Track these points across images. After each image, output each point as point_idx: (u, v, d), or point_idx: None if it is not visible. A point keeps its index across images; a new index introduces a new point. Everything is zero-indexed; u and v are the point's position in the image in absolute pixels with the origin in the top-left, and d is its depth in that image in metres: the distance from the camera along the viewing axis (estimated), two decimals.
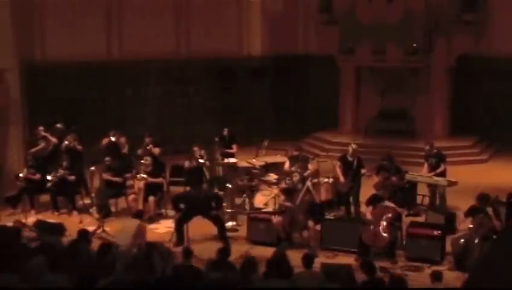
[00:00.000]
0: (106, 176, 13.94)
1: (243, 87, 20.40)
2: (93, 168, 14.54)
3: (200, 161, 13.65)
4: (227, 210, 13.22)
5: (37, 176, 13.96)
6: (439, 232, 11.13)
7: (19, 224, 10.84)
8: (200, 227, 12.17)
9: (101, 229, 12.37)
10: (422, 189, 13.93)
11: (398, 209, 11.45)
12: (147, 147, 14.63)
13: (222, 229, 12.03)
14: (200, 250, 10.53)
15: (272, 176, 14.65)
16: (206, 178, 13.86)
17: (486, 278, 6.32)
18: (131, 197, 13.81)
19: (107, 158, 14.10)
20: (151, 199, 13.43)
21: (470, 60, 19.08)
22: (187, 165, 13.86)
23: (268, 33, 20.84)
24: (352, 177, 13.34)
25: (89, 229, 11.42)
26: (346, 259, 11.07)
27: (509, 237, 7.68)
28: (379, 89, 20.03)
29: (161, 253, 8.56)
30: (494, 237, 10.20)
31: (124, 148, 15.19)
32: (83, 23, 17.92)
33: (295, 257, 9.21)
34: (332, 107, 20.57)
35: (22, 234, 10.05)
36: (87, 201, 14.40)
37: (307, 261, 8.65)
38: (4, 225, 11.24)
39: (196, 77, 19.68)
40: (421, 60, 18.87)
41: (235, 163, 15.39)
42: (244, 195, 13.95)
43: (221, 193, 13.19)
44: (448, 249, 11.01)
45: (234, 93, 20.17)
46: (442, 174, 13.62)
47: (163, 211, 13.87)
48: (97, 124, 16.90)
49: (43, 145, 14.89)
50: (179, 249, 10.55)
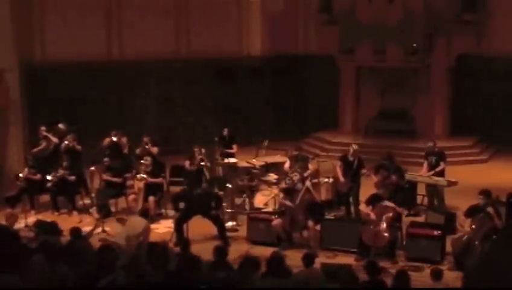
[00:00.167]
0: (106, 176, 13.95)
1: (242, 87, 20.39)
2: (93, 168, 14.56)
3: (201, 163, 13.65)
4: (227, 210, 13.23)
5: (38, 176, 13.96)
6: (439, 232, 11.14)
7: (13, 218, 10.77)
8: (200, 227, 12.17)
9: (101, 229, 12.39)
10: (422, 189, 13.93)
11: (398, 209, 11.45)
12: (146, 146, 14.65)
13: (222, 229, 12.04)
14: (200, 250, 10.48)
15: (272, 176, 14.66)
16: (206, 178, 13.86)
17: (487, 278, 6.32)
18: (131, 197, 13.82)
19: (105, 159, 14.11)
20: (151, 199, 13.43)
21: (470, 60, 19.08)
22: (187, 166, 13.85)
23: (268, 33, 20.84)
24: (352, 177, 13.34)
25: (87, 229, 11.45)
26: (346, 259, 11.08)
27: (509, 237, 7.70)
28: (379, 89, 20.03)
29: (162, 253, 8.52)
30: (494, 237, 10.23)
31: (125, 149, 15.20)
32: (83, 23, 17.91)
33: (295, 257, 9.21)
34: (332, 107, 20.58)
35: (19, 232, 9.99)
36: (87, 201, 14.40)
37: (308, 260, 8.63)
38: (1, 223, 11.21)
39: (196, 77, 19.67)
40: (421, 60, 18.86)
41: (235, 163, 15.39)
42: (244, 195, 13.96)
43: (221, 193, 13.19)
44: (448, 249, 11.01)
45: (234, 93, 20.15)
46: (441, 174, 13.62)
47: (163, 211, 13.88)
48: (97, 124, 16.91)
49: (44, 145, 14.90)
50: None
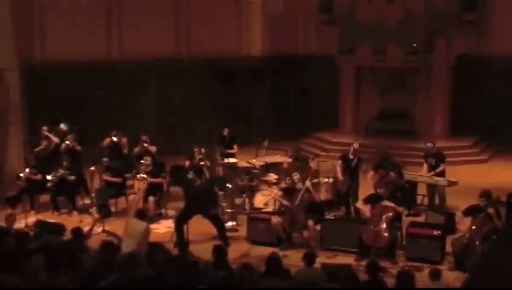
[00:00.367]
0: (106, 176, 13.95)
1: (242, 87, 20.39)
2: (93, 168, 14.56)
3: (200, 163, 13.66)
4: (227, 210, 13.22)
5: (39, 176, 13.96)
6: (439, 232, 11.14)
7: (11, 218, 10.74)
8: (200, 227, 12.16)
9: (101, 229, 12.38)
10: (422, 189, 13.93)
11: (398, 209, 11.43)
12: (144, 144, 14.67)
13: (222, 229, 12.02)
14: (200, 250, 10.49)
15: (272, 176, 14.66)
16: (206, 178, 13.86)
17: (486, 278, 6.32)
18: (131, 197, 13.82)
19: (105, 159, 14.11)
20: (151, 199, 13.44)
21: (470, 60, 19.08)
22: (187, 166, 13.85)
23: (268, 33, 20.84)
24: (351, 175, 13.40)
25: (86, 228, 11.41)
26: (346, 259, 11.07)
27: (509, 237, 7.70)
28: (379, 89, 20.03)
29: (163, 253, 8.52)
30: (494, 237, 10.23)
31: (125, 149, 15.22)
32: (83, 23, 17.92)
33: (295, 257, 9.21)
34: (332, 107, 20.58)
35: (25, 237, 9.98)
36: (87, 201, 14.40)
37: (308, 259, 8.61)
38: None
39: (196, 77, 19.66)
40: (421, 60, 18.86)
41: (235, 163, 15.40)
42: (244, 195, 13.95)
43: (221, 193, 13.19)
44: (448, 249, 11.01)
45: (234, 93, 20.15)
46: (441, 174, 13.63)
47: (163, 211, 13.89)
48: (97, 124, 16.91)
49: (45, 145, 14.92)
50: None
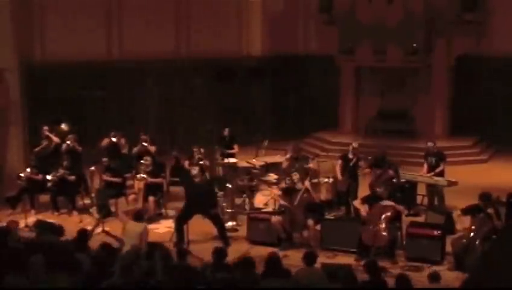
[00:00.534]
0: (106, 176, 13.95)
1: (242, 87, 20.39)
2: (93, 168, 14.55)
3: (199, 163, 13.66)
4: (227, 210, 13.22)
5: (40, 176, 13.96)
6: (439, 232, 11.13)
7: (14, 224, 10.73)
8: (200, 227, 12.16)
9: (102, 229, 12.38)
10: (422, 189, 13.93)
11: (398, 207, 11.38)
12: (143, 144, 14.68)
13: (222, 229, 12.01)
14: (200, 250, 10.51)
15: (272, 176, 14.65)
16: (206, 178, 13.84)
17: (486, 278, 6.32)
18: (131, 197, 13.82)
19: (104, 159, 14.11)
20: (151, 199, 13.44)
21: (470, 60, 19.09)
22: (187, 166, 13.85)
23: (268, 33, 20.85)
24: (350, 174, 13.42)
25: (88, 228, 11.41)
26: (346, 259, 11.06)
27: (509, 237, 7.70)
28: (379, 89, 20.04)
29: (162, 254, 8.51)
30: (494, 237, 10.22)
31: (124, 149, 15.22)
32: (83, 23, 17.92)
33: (295, 257, 9.20)
34: (332, 107, 20.58)
35: (13, 235, 9.95)
36: (87, 201, 14.41)
37: (309, 259, 8.58)
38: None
39: (196, 77, 19.67)
40: (421, 60, 18.86)
41: (235, 163, 15.39)
42: (244, 195, 13.94)
43: (221, 193, 13.19)
44: (448, 249, 11.01)
45: (234, 93, 20.15)
46: (440, 174, 13.63)
47: (163, 211, 13.89)
48: (97, 124, 16.91)
49: (45, 144, 14.92)
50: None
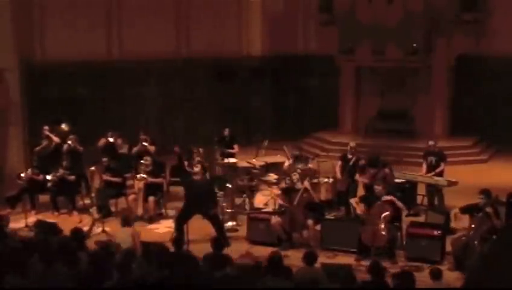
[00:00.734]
0: (106, 176, 13.95)
1: (242, 87, 20.39)
2: (93, 168, 14.54)
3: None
4: (227, 210, 13.21)
5: (41, 176, 13.97)
6: (439, 232, 11.14)
7: (4, 220, 10.68)
8: (200, 227, 12.16)
9: (101, 229, 12.39)
10: (422, 189, 13.93)
11: (398, 204, 11.35)
12: (143, 143, 14.69)
13: (221, 230, 11.94)
14: (200, 250, 10.49)
15: (272, 176, 14.65)
16: (206, 178, 13.84)
17: (486, 278, 6.32)
18: (131, 197, 13.82)
19: (104, 159, 14.12)
20: (151, 199, 13.44)
21: (470, 60, 19.08)
22: (186, 167, 13.84)
23: (268, 33, 20.85)
24: (350, 174, 13.42)
25: (85, 228, 11.42)
26: (346, 259, 11.06)
27: (509, 237, 7.69)
28: (379, 89, 20.04)
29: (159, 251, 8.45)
30: (494, 237, 10.23)
31: (121, 149, 15.23)
32: (83, 23, 17.92)
33: (296, 257, 9.20)
34: (332, 107, 20.58)
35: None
36: (87, 201, 14.41)
37: (309, 258, 8.58)
38: None
39: (196, 77, 19.67)
40: (421, 60, 18.86)
41: (235, 163, 15.39)
42: (244, 195, 13.95)
43: (221, 193, 13.19)
44: (448, 249, 11.01)
45: (234, 93, 20.16)
46: (440, 174, 13.63)
47: (163, 211, 13.89)
48: (97, 124, 16.91)
49: (45, 144, 14.93)
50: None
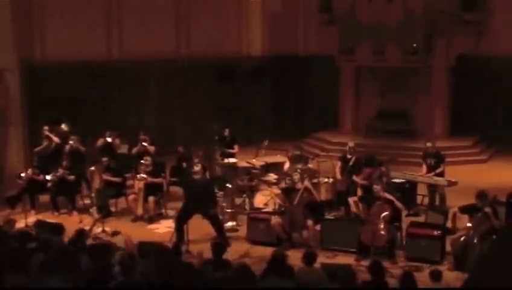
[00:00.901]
0: (106, 176, 13.96)
1: (242, 87, 20.39)
2: (93, 168, 14.55)
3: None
4: (227, 210, 13.22)
5: (41, 176, 13.97)
6: (439, 232, 11.14)
7: (11, 222, 10.71)
8: (200, 227, 12.16)
9: (101, 229, 12.39)
10: (422, 189, 13.94)
11: (397, 204, 11.40)
12: (143, 143, 14.70)
13: (220, 230, 11.95)
14: (200, 250, 10.49)
15: (272, 176, 14.65)
16: (206, 177, 13.85)
17: (486, 278, 6.32)
18: (131, 197, 13.83)
19: (104, 159, 14.13)
20: (151, 199, 13.45)
21: (470, 60, 19.08)
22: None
23: (268, 33, 20.85)
24: (349, 174, 13.43)
25: (85, 227, 11.42)
26: (346, 259, 11.07)
27: (509, 237, 7.69)
28: (379, 89, 20.04)
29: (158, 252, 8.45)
30: (493, 236, 10.23)
31: (119, 149, 15.23)
32: (83, 23, 17.91)
33: (295, 257, 9.20)
34: (332, 107, 20.59)
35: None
36: (87, 201, 14.41)
37: (308, 258, 8.56)
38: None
39: (196, 77, 19.67)
40: (421, 60, 18.87)
41: (235, 163, 15.39)
42: (244, 195, 13.95)
43: (221, 192, 13.19)
44: (448, 249, 11.01)
45: (234, 93, 20.16)
46: (440, 175, 13.64)
47: (163, 211, 13.89)
48: (97, 124, 16.90)
49: (45, 145, 14.93)
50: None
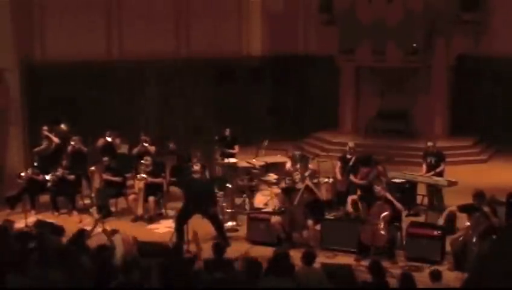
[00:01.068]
0: (106, 176, 13.96)
1: (242, 87, 20.39)
2: (93, 168, 14.56)
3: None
4: (227, 210, 13.22)
5: (41, 176, 13.97)
6: (439, 232, 11.14)
7: (9, 223, 10.70)
8: (200, 227, 12.15)
9: (102, 229, 12.37)
10: (422, 189, 13.94)
11: (397, 205, 11.38)
12: (144, 144, 14.70)
13: (221, 229, 11.96)
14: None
15: (272, 176, 14.65)
16: (206, 177, 13.85)
17: (486, 278, 6.33)
18: (131, 197, 13.83)
19: (105, 158, 14.13)
20: (151, 199, 13.45)
21: (470, 60, 19.08)
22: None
23: (268, 33, 20.84)
24: (349, 174, 13.44)
25: (87, 228, 11.41)
26: (346, 259, 11.08)
27: (509, 237, 7.70)
28: (379, 89, 20.04)
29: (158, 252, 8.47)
30: (492, 235, 10.25)
31: (119, 149, 15.23)
32: (83, 23, 17.92)
33: (295, 257, 9.21)
34: (332, 107, 20.59)
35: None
36: (87, 201, 14.41)
37: (308, 258, 8.58)
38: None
39: (196, 76, 19.67)
40: (421, 60, 18.86)
41: (235, 163, 15.39)
42: (244, 195, 13.95)
43: (221, 192, 13.19)
44: (448, 249, 11.01)
45: (234, 93, 20.16)
46: (440, 174, 13.64)
47: (163, 211, 13.89)
48: (97, 124, 16.91)
49: (45, 145, 14.93)
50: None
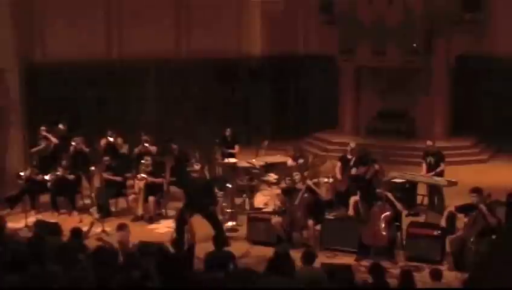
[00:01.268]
0: (106, 175, 13.96)
1: (243, 87, 20.39)
2: (93, 168, 14.56)
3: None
4: (227, 210, 13.22)
5: (40, 176, 13.97)
6: (439, 232, 11.15)
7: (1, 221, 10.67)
8: (200, 227, 12.15)
9: (101, 229, 12.38)
10: (422, 189, 13.94)
11: (398, 205, 11.38)
12: (144, 144, 14.70)
13: (220, 229, 11.91)
14: (200, 250, 10.50)
15: (272, 176, 14.66)
16: (205, 177, 13.87)
17: (486, 278, 6.32)
18: (132, 197, 13.84)
19: (106, 158, 14.13)
20: (151, 199, 13.45)
21: (470, 60, 19.06)
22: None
23: (269, 33, 20.82)
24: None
25: (84, 228, 11.39)
26: (346, 259, 11.08)
27: (509, 237, 7.69)
28: (379, 89, 20.03)
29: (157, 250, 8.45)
30: (490, 235, 10.26)
31: (121, 148, 15.24)
32: (83, 23, 17.93)
33: (295, 257, 9.21)
34: (332, 107, 20.58)
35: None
36: (87, 201, 14.41)
37: (307, 258, 8.58)
38: None
39: (196, 77, 19.66)
40: (421, 60, 18.85)
41: (235, 163, 15.40)
42: (244, 195, 13.96)
43: (221, 193, 13.19)
44: (448, 249, 11.01)
45: (234, 93, 20.15)
46: (440, 174, 13.64)
47: (163, 211, 13.89)
48: (97, 124, 16.91)
49: (43, 145, 14.92)
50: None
